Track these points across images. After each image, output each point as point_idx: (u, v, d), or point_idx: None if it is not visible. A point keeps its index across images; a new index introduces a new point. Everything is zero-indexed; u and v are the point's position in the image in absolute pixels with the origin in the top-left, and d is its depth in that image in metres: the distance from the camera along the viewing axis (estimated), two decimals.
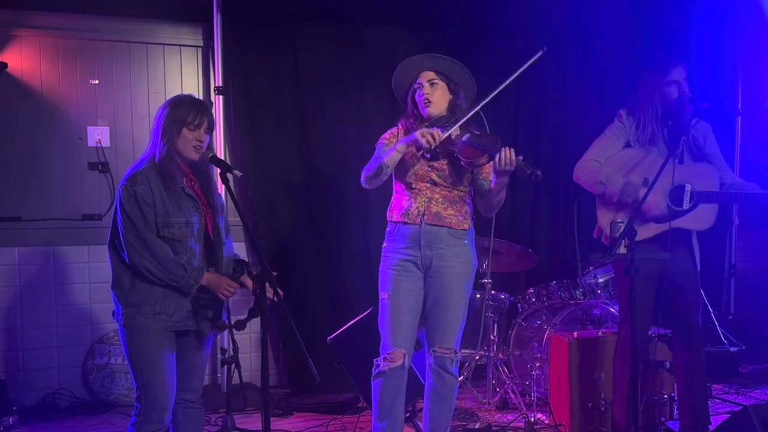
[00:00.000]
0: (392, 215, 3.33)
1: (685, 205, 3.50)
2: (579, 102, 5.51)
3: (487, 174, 3.27)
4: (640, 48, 5.39)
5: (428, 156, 3.20)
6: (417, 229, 3.22)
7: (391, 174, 3.27)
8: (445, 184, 3.24)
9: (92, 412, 4.60)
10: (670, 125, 3.55)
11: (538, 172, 2.98)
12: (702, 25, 5.50)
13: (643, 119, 3.58)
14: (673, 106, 3.53)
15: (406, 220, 3.25)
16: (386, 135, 3.38)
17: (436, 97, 3.24)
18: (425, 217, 3.22)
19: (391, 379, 3.20)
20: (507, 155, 2.99)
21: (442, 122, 3.21)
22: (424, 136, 3.06)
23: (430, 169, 3.24)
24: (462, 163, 3.16)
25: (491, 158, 3.07)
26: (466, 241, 3.27)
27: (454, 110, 3.26)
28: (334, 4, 5.00)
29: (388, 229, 3.34)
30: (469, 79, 3.33)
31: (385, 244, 3.33)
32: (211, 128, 2.88)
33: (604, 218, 3.60)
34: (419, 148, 3.12)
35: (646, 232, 3.49)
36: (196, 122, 2.81)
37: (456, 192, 3.26)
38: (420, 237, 3.21)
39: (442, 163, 3.23)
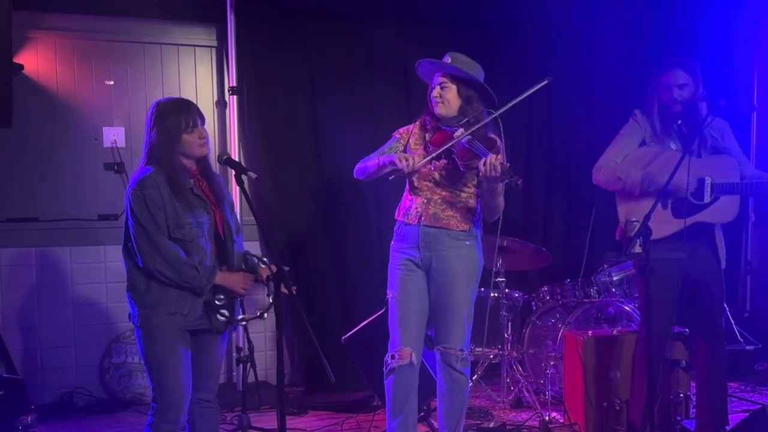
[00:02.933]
0: (398, 213, 3.38)
1: (706, 199, 3.48)
2: (591, 101, 5.48)
3: None
4: (652, 47, 5.35)
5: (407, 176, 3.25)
6: (416, 230, 3.26)
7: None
8: (446, 183, 3.26)
9: (109, 411, 4.63)
10: (679, 124, 3.53)
11: (519, 181, 2.96)
12: (716, 21, 5.46)
13: (654, 119, 3.57)
14: (675, 106, 3.51)
15: (406, 220, 3.30)
16: (401, 130, 3.43)
17: (446, 98, 3.25)
18: (422, 219, 3.25)
19: (401, 375, 3.25)
20: (489, 162, 2.98)
21: (451, 123, 3.24)
22: (401, 160, 3.13)
23: (433, 168, 3.26)
24: (459, 165, 3.17)
25: None
26: (467, 242, 3.28)
27: (464, 113, 3.26)
28: (345, 2, 5.00)
29: (395, 227, 3.39)
30: (481, 86, 3.30)
31: (392, 242, 3.39)
32: (203, 119, 2.89)
33: (625, 213, 3.58)
34: (396, 169, 3.17)
35: (662, 230, 3.46)
36: (191, 124, 2.83)
37: (458, 192, 3.27)
38: (418, 238, 3.25)
39: (445, 163, 3.25)
